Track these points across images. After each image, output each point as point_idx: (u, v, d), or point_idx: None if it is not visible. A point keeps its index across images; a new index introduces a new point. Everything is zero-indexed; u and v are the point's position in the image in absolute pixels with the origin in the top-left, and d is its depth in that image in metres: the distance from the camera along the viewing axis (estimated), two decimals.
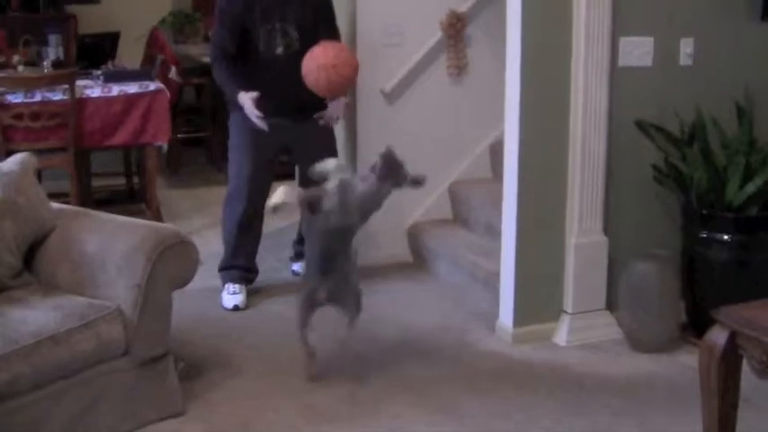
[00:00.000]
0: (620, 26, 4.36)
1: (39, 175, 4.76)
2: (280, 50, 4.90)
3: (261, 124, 4.78)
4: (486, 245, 5.12)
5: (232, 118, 5.06)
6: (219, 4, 4.98)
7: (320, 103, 5.01)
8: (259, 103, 4.84)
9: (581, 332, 4.48)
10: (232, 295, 5.00)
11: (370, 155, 5.43)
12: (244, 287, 5.05)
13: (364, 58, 5.37)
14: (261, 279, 5.19)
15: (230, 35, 4.89)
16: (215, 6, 5.07)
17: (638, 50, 4.45)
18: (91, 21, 8.62)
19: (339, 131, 5.45)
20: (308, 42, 4.87)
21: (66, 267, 3.75)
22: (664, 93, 4.52)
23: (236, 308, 4.96)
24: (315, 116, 4.98)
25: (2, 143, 5.55)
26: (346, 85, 4.87)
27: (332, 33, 5.07)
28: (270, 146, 4.99)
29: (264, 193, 5.03)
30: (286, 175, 5.42)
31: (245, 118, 4.90)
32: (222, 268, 5.11)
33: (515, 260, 4.44)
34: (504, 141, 4.49)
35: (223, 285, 5.05)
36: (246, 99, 4.79)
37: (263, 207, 5.04)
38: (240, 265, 5.07)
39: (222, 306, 4.98)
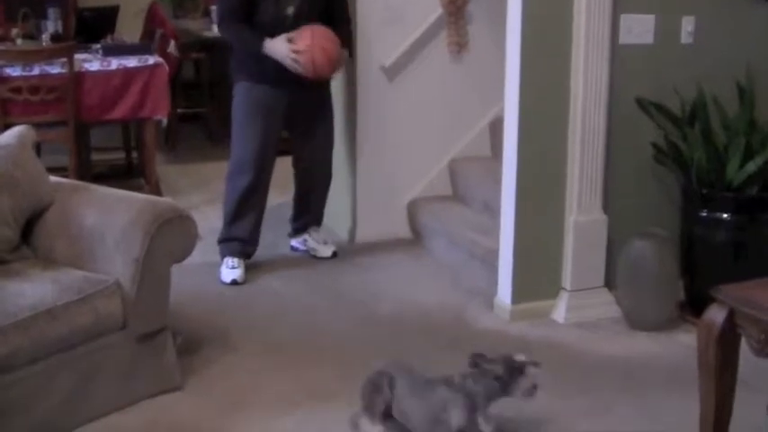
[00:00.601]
0: (621, 3, 4.34)
1: (38, 149, 4.74)
2: (290, 11, 4.84)
3: (295, 66, 4.74)
4: (485, 222, 5.11)
5: (237, 87, 5.00)
6: None
7: None
8: (263, 71, 4.83)
9: (579, 310, 4.48)
10: (231, 270, 4.98)
11: (368, 130, 5.45)
12: (242, 261, 5.04)
13: (364, 32, 5.36)
14: (259, 254, 5.18)
15: None
16: None
17: (639, 28, 4.43)
18: None
19: (338, 106, 5.44)
20: (316, 12, 4.86)
21: (65, 241, 3.74)
22: (664, 71, 4.50)
23: (234, 282, 4.94)
24: None
25: (0, 116, 5.53)
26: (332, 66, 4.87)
27: (343, 7, 5.07)
28: (276, 116, 4.96)
29: (270, 167, 5.02)
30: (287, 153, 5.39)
31: (252, 87, 4.88)
32: (221, 240, 5.09)
33: (514, 237, 4.43)
34: (503, 119, 4.48)
35: (222, 259, 5.04)
36: (280, 42, 4.75)
37: (268, 180, 5.04)
38: (239, 237, 5.05)
39: (220, 280, 4.97)
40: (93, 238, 3.66)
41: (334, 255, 5.30)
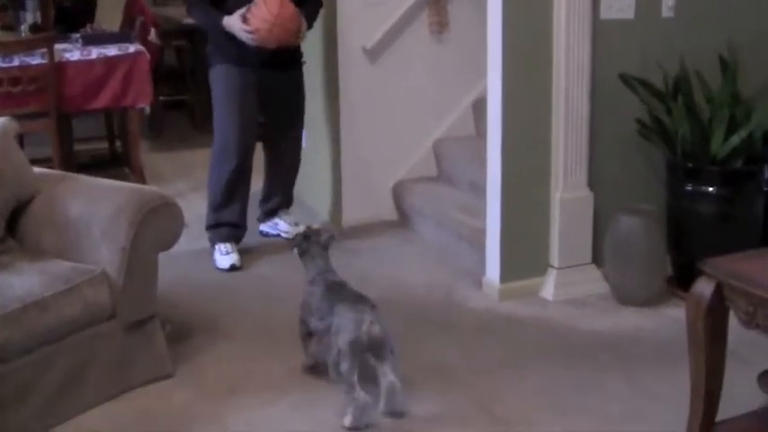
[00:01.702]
0: None
1: (21, 140, 4.72)
2: None
3: (250, 39, 4.71)
4: (471, 202, 5.11)
5: (213, 72, 4.98)
6: None
7: (293, 56, 5.05)
8: (241, 53, 4.81)
9: (568, 287, 4.49)
10: (226, 255, 4.96)
11: (351, 113, 5.44)
12: (235, 246, 5.03)
13: (345, 14, 5.34)
14: (245, 240, 5.17)
15: None
16: None
17: (620, 3, 4.42)
18: None
19: (320, 89, 5.43)
20: None
21: (51, 232, 3.73)
22: (646, 46, 4.50)
23: (233, 267, 4.92)
24: None
25: None
26: (291, 37, 4.81)
27: None
28: (252, 98, 4.94)
29: (252, 149, 5.01)
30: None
31: (227, 71, 4.88)
32: (210, 226, 5.06)
33: (501, 216, 4.43)
34: (487, 98, 4.48)
35: (213, 246, 5.03)
36: (234, 19, 4.73)
37: (251, 162, 5.02)
38: (229, 221, 5.03)
39: (217, 267, 4.95)
40: (79, 228, 3.65)
41: None
